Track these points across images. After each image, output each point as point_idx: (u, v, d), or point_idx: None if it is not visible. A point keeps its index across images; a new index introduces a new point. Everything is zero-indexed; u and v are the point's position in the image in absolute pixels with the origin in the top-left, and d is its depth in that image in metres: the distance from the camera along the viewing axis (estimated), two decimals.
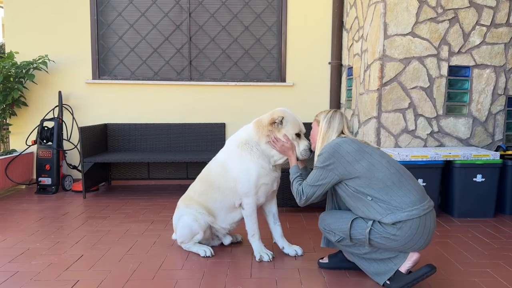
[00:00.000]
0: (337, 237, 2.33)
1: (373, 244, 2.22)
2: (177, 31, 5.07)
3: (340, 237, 2.31)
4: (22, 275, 2.47)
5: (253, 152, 2.66)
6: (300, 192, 2.41)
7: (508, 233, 3.27)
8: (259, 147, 2.66)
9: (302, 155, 2.65)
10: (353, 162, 2.22)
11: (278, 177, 2.79)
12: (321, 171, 2.31)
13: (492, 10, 3.86)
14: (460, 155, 3.57)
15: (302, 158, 2.67)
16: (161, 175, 5.06)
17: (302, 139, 2.68)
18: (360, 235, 2.23)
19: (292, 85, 5.10)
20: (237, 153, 2.68)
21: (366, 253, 2.29)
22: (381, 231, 2.17)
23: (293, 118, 2.68)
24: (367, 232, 2.20)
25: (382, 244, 2.20)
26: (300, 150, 2.65)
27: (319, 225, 2.47)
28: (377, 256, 2.27)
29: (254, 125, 2.72)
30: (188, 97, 5.07)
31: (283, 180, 3.67)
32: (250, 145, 2.67)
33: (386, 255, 2.25)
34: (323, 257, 2.64)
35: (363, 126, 4.14)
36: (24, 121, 5.02)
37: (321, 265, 2.59)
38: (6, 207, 4.01)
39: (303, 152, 2.65)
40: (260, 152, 2.66)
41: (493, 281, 2.42)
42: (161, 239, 3.10)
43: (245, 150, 2.67)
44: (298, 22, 5.05)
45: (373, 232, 2.19)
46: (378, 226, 2.18)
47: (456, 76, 3.94)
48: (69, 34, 4.97)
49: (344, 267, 2.54)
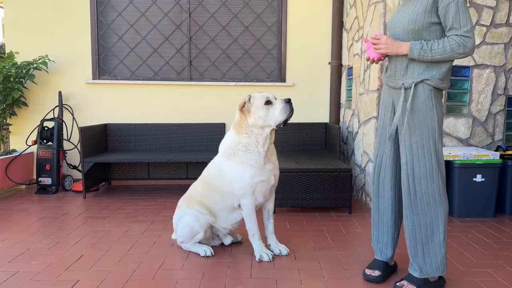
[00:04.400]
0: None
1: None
2: (177, 31, 5.07)
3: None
4: (22, 275, 2.47)
5: (240, 154, 2.64)
6: (460, 42, 2.02)
7: (508, 233, 3.27)
8: (246, 145, 2.64)
9: (283, 112, 2.57)
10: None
11: (273, 170, 2.74)
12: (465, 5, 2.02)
13: (492, 10, 3.86)
14: (460, 155, 3.57)
15: (284, 118, 2.58)
16: (161, 175, 5.07)
17: (274, 102, 2.62)
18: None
19: (292, 85, 5.10)
20: (227, 160, 2.69)
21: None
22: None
23: (258, 93, 2.68)
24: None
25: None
26: (279, 109, 2.58)
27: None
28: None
29: (233, 127, 2.72)
30: (188, 97, 5.08)
31: (283, 181, 3.69)
32: (236, 149, 2.66)
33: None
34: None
35: (363, 126, 4.14)
36: (24, 121, 5.02)
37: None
38: (6, 207, 4.01)
39: (282, 110, 2.57)
40: (248, 152, 2.63)
41: (493, 281, 2.41)
42: (161, 239, 3.10)
43: (231, 155, 2.67)
44: (298, 22, 5.05)
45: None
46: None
47: (456, 76, 3.93)
48: (69, 34, 4.97)
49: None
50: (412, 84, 2.12)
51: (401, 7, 2.25)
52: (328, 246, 2.97)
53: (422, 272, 2.20)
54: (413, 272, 2.24)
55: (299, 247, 2.94)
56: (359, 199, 4.31)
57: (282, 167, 3.66)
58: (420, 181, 2.15)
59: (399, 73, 2.19)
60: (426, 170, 2.14)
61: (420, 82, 2.12)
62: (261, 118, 2.61)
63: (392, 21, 2.25)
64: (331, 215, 3.75)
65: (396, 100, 2.25)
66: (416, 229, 2.20)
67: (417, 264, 2.22)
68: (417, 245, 2.21)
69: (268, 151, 2.70)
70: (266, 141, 2.66)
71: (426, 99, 2.12)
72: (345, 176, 3.71)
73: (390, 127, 2.31)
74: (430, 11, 2.06)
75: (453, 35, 2.05)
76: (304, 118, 5.14)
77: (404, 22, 2.13)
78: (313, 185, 3.73)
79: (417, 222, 2.19)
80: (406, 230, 2.24)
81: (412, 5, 2.14)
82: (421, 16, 2.07)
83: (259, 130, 2.64)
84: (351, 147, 4.59)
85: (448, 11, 2.03)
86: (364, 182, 4.16)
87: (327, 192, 3.74)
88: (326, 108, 5.13)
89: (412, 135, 2.16)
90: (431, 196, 2.15)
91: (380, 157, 2.36)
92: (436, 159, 2.15)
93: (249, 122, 2.64)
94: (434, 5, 2.06)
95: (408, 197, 2.20)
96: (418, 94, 2.13)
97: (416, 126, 2.15)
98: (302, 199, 3.75)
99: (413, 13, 2.09)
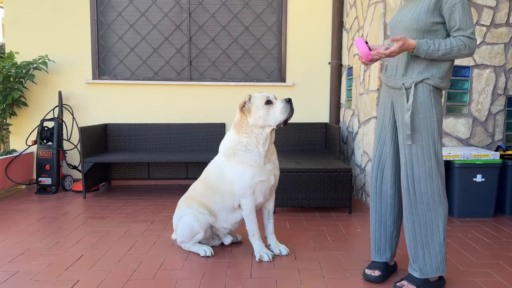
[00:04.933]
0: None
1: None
2: (177, 31, 5.07)
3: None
4: (22, 275, 2.47)
5: (240, 154, 2.65)
6: (467, 43, 2.05)
7: (508, 233, 3.27)
8: (246, 145, 2.64)
9: (283, 112, 2.58)
10: None
11: (273, 170, 2.74)
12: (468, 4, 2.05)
13: (492, 10, 3.86)
14: (460, 155, 3.57)
15: (285, 117, 2.59)
16: (161, 175, 5.07)
17: (275, 102, 2.64)
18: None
19: (292, 85, 5.10)
20: (227, 160, 2.69)
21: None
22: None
23: (258, 93, 2.68)
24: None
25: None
26: (279, 109, 2.59)
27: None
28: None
29: (233, 127, 2.73)
30: (188, 97, 5.08)
31: (283, 181, 3.69)
32: (236, 149, 2.66)
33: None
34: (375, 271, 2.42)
35: (363, 126, 4.14)
36: (24, 121, 5.02)
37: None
38: (6, 207, 4.01)
39: (282, 109, 2.58)
40: (248, 151, 2.64)
41: (493, 281, 2.41)
42: (161, 239, 3.10)
43: (232, 155, 2.67)
44: (298, 22, 5.05)
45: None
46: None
47: (456, 76, 3.93)
48: (69, 34, 4.97)
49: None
50: (412, 84, 2.13)
51: (403, 7, 2.25)
52: (328, 246, 2.97)
53: (422, 272, 2.20)
54: (413, 272, 2.24)
55: (299, 247, 2.94)
56: (359, 199, 4.31)
57: (282, 167, 3.66)
58: (419, 181, 2.16)
59: (400, 73, 2.20)
60: (426, 170, 2.14)
61: (420, 82, 2.13)
62: (262, 117, 2.61)
63: (394, 20, 2.25)
64: (331, 215, 3.75)
65: (395, 100, 2.25)
66: (416, 230, 2.20)
67: (417, 265, 2.22)
68: (417, 246, 2.21)
69: (268, 151, 2.70)
70: (267, 141, 2.66)
71: (426, 99, 2.13)
72: (345, 176, 3.71)
73: (390, 127, 2.32)
74: (433, 11, 2.07)
75: (460, 36, 2.06)
76: (304, 118, 5.14)
77: (407, 22, 2.13)
78: (313, 185, 3.73)
79: (417, 223, 2.19)
80: (406, 231, 2.24)
81: (414, 5, 2.14)
82: (423, 15, 2.07)
83: (259, 130, 2.64)
84: (351, 147, 4.59)
85: (454, 12, 2.04)
86: (364, 182, 4.16)
87: (327, 192, 3.74)
88: (326, 108, 5.13)
89: (411, 135, 2.16)
90: (430, 197, 2.15)
91: (379, 157, 2.37)
92: (436, 159, 2.15)
93: (249, 122, 2.64)
94: (437, 5, 2.07)
95: (408, 197, 2.20)
96: (418, 94, 2.14)
97: (415, 126, 2.15)
98: (302, 199, 3.75)
99: (416, 13, 2.09)
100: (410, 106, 2.12)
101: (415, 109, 2.15)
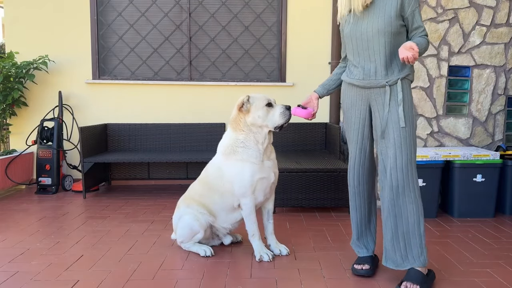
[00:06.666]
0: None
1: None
2: (177, 31, 5.07)
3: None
4: (22, 275, 2.47)
5: (239, 152, 2.66)
6: (427, 39, 2.33)
7: (508, 233, 3.27)
8: (243, 142, 2.66)
9: (282, 116, 2.63)
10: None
11: (273, 167, 2.75)
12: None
13: (492, 10, 3.86)
14: (460, 155, 3.58)
15: (283, 121, 2.64)
16: (161, 175, 5.06)
17: (274, 106, 2.67)
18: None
19: (292, 85, 5.10)
20: (226, 160, 2.70)
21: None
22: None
23: (258, 94, 2.71)
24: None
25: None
26: (279, 113, 2.63)
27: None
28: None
29: (230, 126, 2.75)
30: (188, 97, 5.08)
31: (283, 181, 3.69)
32: (235, 146, 2.67)
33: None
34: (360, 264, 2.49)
35: None
36: (24, 121, 5.02)
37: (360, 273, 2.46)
38: (6, 207, 4.02)
39: (281, 114, 2.63)
40: (246, 148, 2.65)
41: (493, 281, 2.42)
42: (161, 239, 3.10)
43: (231, 153, 2.68)
44: (298, 22, 5.05)
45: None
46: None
47: (456, 76, 3.94)
48: (69, 34, 4.98)
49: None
50: (398, 80, 2.26)
51: (360, 18, 2.32)
52: (328, 246, 2.97)
53: (398, 264, 2.28)
54: (390, 264, 2.31)
55: (299, 247, 2.94)
56: None
57: (282, 167, 3.66)
58: (402, 173, 2.24)
59: (380, 73, 2.30)
60: (408, 161, 2.25)
61: (404, 78, 2.29)
62: (261, 117, 2.62)
63: (356, 28, 2.33)
64: (331, 215, 3.75)
65: (374, 99, 2.32)
66: (398, 221, 2.27)
67: (393, 257, 2.29)
68: (399, 237, 2.28)
69: (267, 149, 2.71)
70: (265, 140, 2.67)
71: (408, 93, 2.31)
72: (345, 176, 3.71)
73: (365, 126, 2.42)
74: (399, 16, 2.26)
75: (422, 34, 2.30)
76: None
77: (380, 25, 2.25)
78: (313, 185, 3.73)
79: (399, 215, 2.27)
80: (388, 224, 2.30)
81: (378, 12, 2.26)
82: (394, 19, 2.25)
83: (258, 129, 2.66)
84: None
85: (415, 15, 2.29)
86: None
87: (327, 192, 3.74)
88: (326, 108, 5.13)
89: (395, 129, 2.26)
90: (411, 187, 2.25)
91: (354, 158, 2.45)
92: (414, 149, 2.29)
93: (247, 121, 2.66)
94: (401, 11, 2.26)
95: (390, 190, 2.27)
96: (403, 89, 2.29)
97: (400, 119, 2.26)
98: (302, 199, 3.75)
99: (387, 17, 2.24)
100: (401, 101, 2.25)
101: (400, 103, 2.27)
